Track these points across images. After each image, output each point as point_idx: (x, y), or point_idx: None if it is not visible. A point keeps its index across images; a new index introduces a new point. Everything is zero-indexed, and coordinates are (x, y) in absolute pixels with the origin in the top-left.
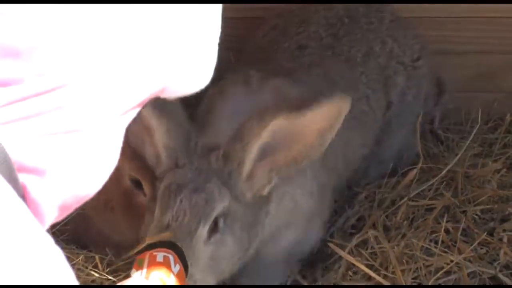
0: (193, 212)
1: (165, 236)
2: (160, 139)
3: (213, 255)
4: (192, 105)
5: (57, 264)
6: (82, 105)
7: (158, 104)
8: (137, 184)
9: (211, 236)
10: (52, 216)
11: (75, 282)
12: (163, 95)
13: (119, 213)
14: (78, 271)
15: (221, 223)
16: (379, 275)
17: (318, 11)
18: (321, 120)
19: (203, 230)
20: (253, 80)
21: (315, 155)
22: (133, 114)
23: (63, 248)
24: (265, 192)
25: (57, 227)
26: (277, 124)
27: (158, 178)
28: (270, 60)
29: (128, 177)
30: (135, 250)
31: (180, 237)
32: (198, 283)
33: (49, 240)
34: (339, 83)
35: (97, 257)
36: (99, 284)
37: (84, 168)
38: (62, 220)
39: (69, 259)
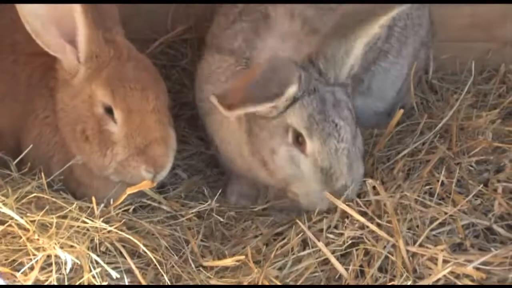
0: (349, 124)
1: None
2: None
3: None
4: None
5: None
6: None
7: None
8: (109, 111)
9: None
10: None
11: None
12: None
13: (94, 141)
14: (72, 219)
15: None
16: (372, 222)
17: None
18: None
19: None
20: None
21: None
22: None
23: (58, 198)
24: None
25: (52, 176)
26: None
27: (272, 118)
28: None
29: (100, 104)
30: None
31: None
32: None
33: None
34: None
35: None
36: (93, 232)
37: None
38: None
39: (63, 208)
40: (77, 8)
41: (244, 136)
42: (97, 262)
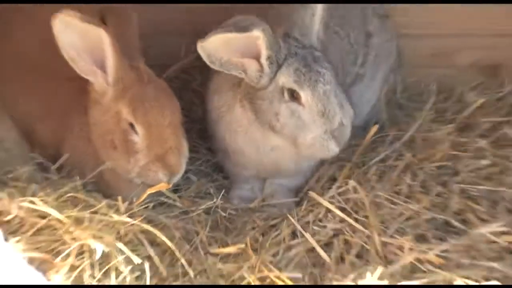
0: (330, 71)
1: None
2: (265, 52)
3: None
4: None
5: None
6: None
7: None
8: (132, 125)
9: None
10: None
11: None
12: None
13: (120, 149)
14: (101, 215)
15: None
16: (350, 217)
17: None
18: None
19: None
20: None
21: None
22: None
23: (90, 197)
24: None
25: (84, 180)
26: None
27: (261, 89)
28: None
29: (125, 121)
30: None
31: (332, 87)
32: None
33: None
34: None
35: (119, 203)
36: (119, 225)
37: None
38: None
39: (94, 205)
40: (106, 39)
41: (251, 117)
42: (122, 250)
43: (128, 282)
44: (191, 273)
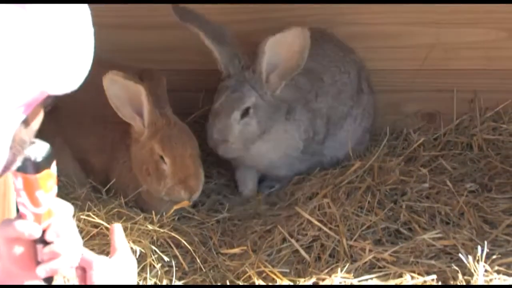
0: (228, 102)
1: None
2: (220, 59)
3: (242, 131)
4: None
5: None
6: None
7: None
8: (162, 157)
9: (242, 118)
10: None
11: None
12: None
13: (153, 175)
14: (139, 225)
15: (250, 111)
16: (325, 226)
17: None
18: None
19: (237, 114)
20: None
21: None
22: (16, 115)
23: (131, 211)
24: (278, 92)
25: (128, 198)
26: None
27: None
28: None
29: (157, 154)
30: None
31: (222, 116)
32: (233, 146)
33: None
34: None
35: (153, 216)
36: (153, 232)
37: None
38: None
39: (134, 218)
40: (143, 93)
41: None
42: (155, 251)
43: (159, 275)
44: (206, 268)
